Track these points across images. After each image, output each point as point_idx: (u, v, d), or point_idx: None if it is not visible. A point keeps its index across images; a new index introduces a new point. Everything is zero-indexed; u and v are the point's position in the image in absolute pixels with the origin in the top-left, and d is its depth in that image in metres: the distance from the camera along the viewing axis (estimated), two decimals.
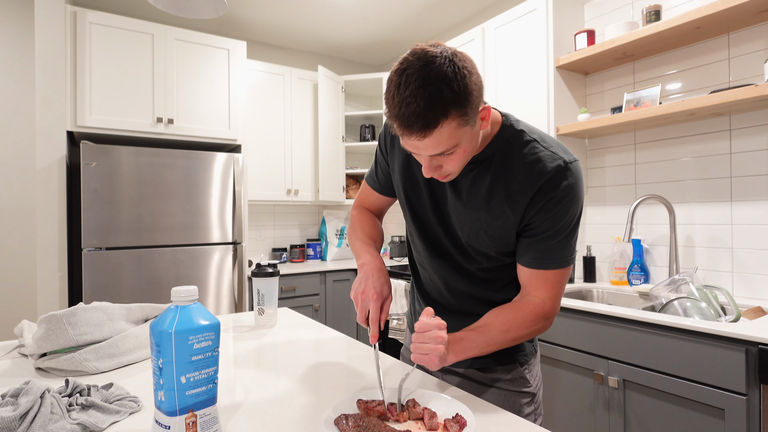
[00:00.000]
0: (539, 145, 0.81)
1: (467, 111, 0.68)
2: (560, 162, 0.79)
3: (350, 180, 3.63)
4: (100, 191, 2.23)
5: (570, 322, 1.65)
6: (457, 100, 0.66)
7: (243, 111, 2.78)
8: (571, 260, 0.84)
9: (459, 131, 0.69)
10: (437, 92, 0.64)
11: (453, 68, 0.65)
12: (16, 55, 2.70)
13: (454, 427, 0.65)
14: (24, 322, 1.14)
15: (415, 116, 0.66)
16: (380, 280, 0.86)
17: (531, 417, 0.95)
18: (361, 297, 0.84)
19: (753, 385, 1.21)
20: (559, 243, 0.82)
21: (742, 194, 1.73)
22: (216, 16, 1.56)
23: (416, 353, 0.74)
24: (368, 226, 1.05)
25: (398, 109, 0.67)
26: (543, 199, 0.79)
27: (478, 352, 0.80)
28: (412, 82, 0.65)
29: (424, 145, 0.70)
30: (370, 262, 0.91)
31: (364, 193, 1.11)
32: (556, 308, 0.85)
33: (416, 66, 0.66)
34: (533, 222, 0.81)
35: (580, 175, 0.80)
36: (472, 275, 0.94)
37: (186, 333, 0.60)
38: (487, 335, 0.81)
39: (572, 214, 0.81)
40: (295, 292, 2.91)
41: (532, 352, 0.98)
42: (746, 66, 1.71)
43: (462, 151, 0.73)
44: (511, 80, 2.30)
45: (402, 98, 0.66)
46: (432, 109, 0.65)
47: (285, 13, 3.01)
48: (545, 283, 0.84)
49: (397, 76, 0.68)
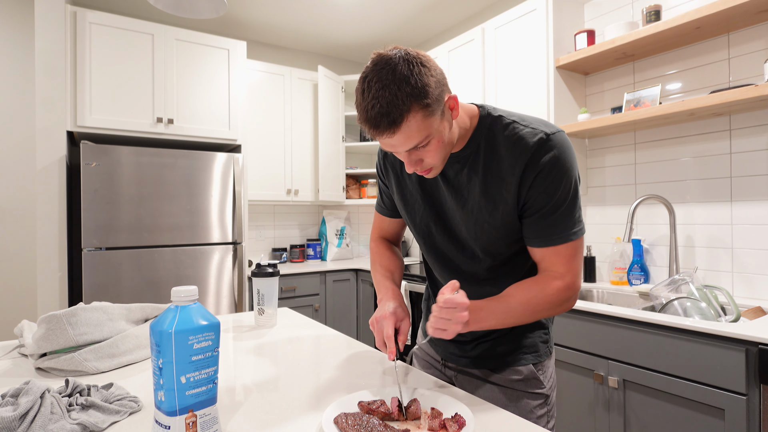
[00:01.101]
0: (519, 125, 0.83)
1: (429, 102, 0.72)
2: (541, 135, 0.80)
3: (350, 180, 3.63)
4: (100, 191, 2.23)
5: (570, 322, 1.65)
6: (416, 93, 0.70)
7: (243, 111, 2.78)
8: (580, 232, 0.84)
9: (426, 122, 0.73)
10: (396, 90, 0.69)
11: (408, 66, 0.71)
12: (16, 55, 2.70)
13: (453, 427, 0.65)
14: (24, 322, 1.14)
15: (380, 116, 0.70)
16: (394, 304, 0.91)
17: (543, 419, 0.93)
18: (376, 321, 0.89)
19: (753, 385, 1.21)
20: (561, 216, 0.82)
21: (742, 194, 1.73)
22: (216, 16, 1.56)
23: (435, 327, 0.76)
24: (385, 258, 1.08)
25: (366, 113, 0.72)
26: (532, 173, 0.80)
27: (496, 323, 0.82)
28: (373, 85, 0.71)
29: (396, 141, 0.74)
30: (386, 294, 0.96)
31: (376, 222, 1.15)
32: (577, 281, 0.85)
33: (374, 71, 0.72)
34: (529, 200, 0.82)
35: (565, 145, 0.81)
36: (482, 279, 0.94)
37: (186, 333, 0.60)
38: (506, 305, 0.82)
39: (567, 184, 0.81)
40: (295, 292, 2.91)
41: (546, 353, 0.96)
42: (746, 66, 1.71)
43: (437, 141, 0.76)
44: (511, 80, 2.29)
45: (366, 102, 0.71)
46: (394, 106, 0.70)
47: (285, 13, 3.02)
48: (559, 258, 0.84)
49: (360, 83, 0.73)
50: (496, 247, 0.88)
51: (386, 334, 0.84)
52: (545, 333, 0.97)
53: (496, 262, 0.91)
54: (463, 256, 0.93)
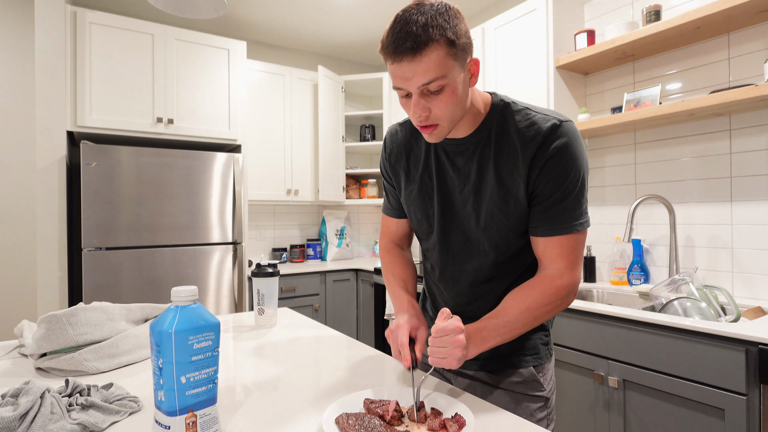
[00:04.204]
0: (531, 111, 0.84)
1: (456, 43, 0.72)
2: (554, 121, 0.81)
3: (350, 180, 3.63)
4: (100, 191, 2.23)
5: (570, 322, 1.65)
6: (447, 27, 0.71)
7: (243, 111, 2.78)
8: (585, 224, 0.84)
9: (447, 62, 0.72)
10: (429, 18, 0.71)
11: (445, 7, 0.73)
12: (16, 55, 2.70)
13: (453, 427, 0.65)
14: (24, 322, 1.14)
15: (406, 37, 0.71)
16: (409, 313, 0.90)
17: (543, 422, 0.93)
18: (391, 331, 0.87)
19: (753, 385, 1.21)
20: (569, 205, 0.82)
21: (742, 194, 1.73)
22: (216, 16, 1.56)
23: (434, 357, 0.75)
24: (397, 267, 1.06)
25: (392, 35, 0.72)
26: (543, 158, 0.80)
27: (500, 339, 0.81)
28: (410, 10, 0.72)
29: (413, 69, 0.72)
30: (401, 306, 0.94)
31: (384, 225, 1.13)
32: (575, 278, 0.84)
33: (414, 4, 0.74)
34: (538, 186, 0.82)
35: (576, 135, 0.82)
36: (483, 278, 0.93)
37: (186, 333, 0.60)
38: (506, 318, 0.81)
39: (576, 173, 0.81)
40: (295, 292, 2.91)
41: (546, 355, 0.96)
42: (746, 66, 1.71)
43: (450, 91, 0.75)
44: (511, 80, 2.29)
45: (396, 24, 0.72)
46: (423, 30, 0.70)
47: (285, 13, 3.02)
48: (561, 251, 0.83)
49: (396, 15, 0.74)
50: (505, 239, 0.88)
51: (400, 342, 0.83)
52: (545, 335, 0.97)
53: (501, 258, 0.90)
54: (468, 249, 0.92)
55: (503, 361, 0.94)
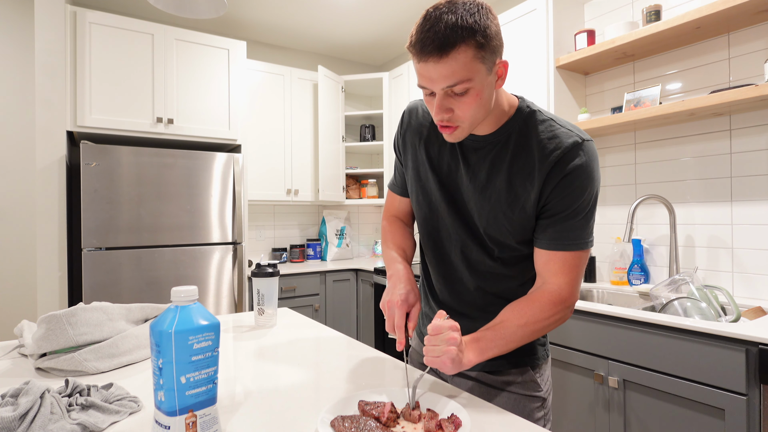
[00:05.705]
0: (555, 123, 0.83)
1: (485, 46, 0.70)
2: (577, 139, 0.80)
3: (350, 180, 3.63)
4: (100, 191, 2.23)
5: (570, 322, 1.65)
6: (477, 29, 0.69)
7: (243, 111, 2.78)
8: (590, 243, 0.83)
9: (474, 64, 0.71)
10: (460, 18, 0.69)
11: (478, 8, 0.70)
12: (16, 55, 2.70)
13: (449, 427, 0.65)
14: (24, 322, 1.14)
15: (435, 37, 0.69)
16: (406, 288, 0.86)
17: (541, 422, 0.93)
18: (387, 305, 0.85)
19: (753, 385, 1.21)
20: (578, 223, 0.81)
21: (742, 194, 1.73)
22: (216, 16, 1.55)
23: (428, 356, 0.74)
24: (398, 235, 1.05)
25: (420, 33, 0.71)
26: (559, 174, 0.79)
27: (498, 351, 0.80)
28: (442, 7, 0.71)
29: (439, 70, 0.71)
30: (398, 272, 0.91)
31: (389, 201, 1.12)
32: (574, 295, 0.83)
33: (443, 2, 0.72)
34: (551, 201, 0.81)
35: (595, 156, 0.81)
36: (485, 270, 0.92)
37: (186, 333, 0.60)
38: (504, 331, 0.80)
39: (590, 194, 0.80)
40: (295, 292, 2.91)
41: (543, 356, 0.96)
42: (746, 66, 1.71)
43: (475, 94, 0.74)
44: (512, 80, 2.29)
45: (426, 22, 0.71)
46: (453, 30, 0.68)
47: (285, 13, 3.01)
48: (563, 266, 0.82)
49: (426, 12, 0.72)
50: (504, 239, 0.87)
51: (397, 324, 0.82)
52: (543, 336, 0.97)
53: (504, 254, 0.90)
54: (471, 238, 0.92)
55: (500, 362, 0.94)
